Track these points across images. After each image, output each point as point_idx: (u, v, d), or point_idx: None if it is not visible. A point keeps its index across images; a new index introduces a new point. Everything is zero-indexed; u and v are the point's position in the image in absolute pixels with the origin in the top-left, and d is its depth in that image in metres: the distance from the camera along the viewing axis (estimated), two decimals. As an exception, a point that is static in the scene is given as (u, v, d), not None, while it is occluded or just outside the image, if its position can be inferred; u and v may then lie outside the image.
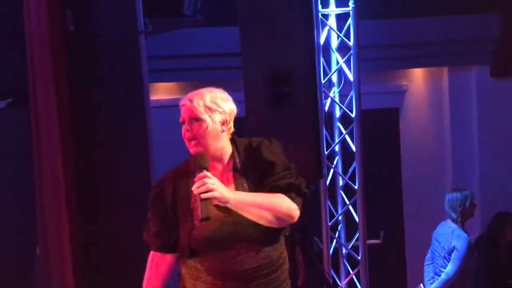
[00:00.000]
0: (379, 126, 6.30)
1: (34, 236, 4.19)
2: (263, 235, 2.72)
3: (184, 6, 4.83)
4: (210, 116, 2.70)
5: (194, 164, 2.64)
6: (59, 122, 4.12)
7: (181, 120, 2.74)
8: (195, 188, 2.55)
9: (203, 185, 2.54)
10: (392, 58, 6.35)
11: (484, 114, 6.49)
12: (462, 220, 5.10)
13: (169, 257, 2.87)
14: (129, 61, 4.40)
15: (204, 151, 2.69)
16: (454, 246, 5.05)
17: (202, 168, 2.60)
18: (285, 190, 2.75)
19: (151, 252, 2.91)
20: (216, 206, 2.62)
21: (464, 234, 5.06)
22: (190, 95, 2.76)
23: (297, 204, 2.76)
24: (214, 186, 2.55)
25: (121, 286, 4.26)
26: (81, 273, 4.16)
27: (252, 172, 2.76)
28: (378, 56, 6.15)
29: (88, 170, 4.29)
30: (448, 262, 5.08)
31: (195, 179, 2.56)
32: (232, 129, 2.82)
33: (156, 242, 2.86)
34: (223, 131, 2.75)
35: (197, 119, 2.69)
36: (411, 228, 6.67)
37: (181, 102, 2.76)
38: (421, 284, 5.21)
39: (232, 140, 2.83)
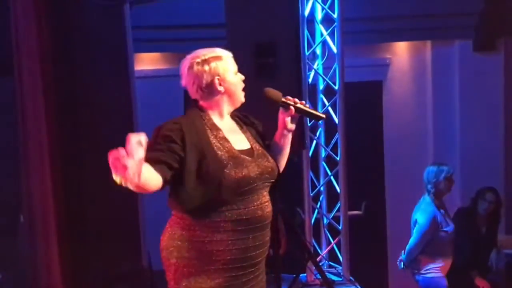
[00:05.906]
0: (362, 99, 6.33)
1: (19, 203, 4.21)
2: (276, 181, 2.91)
3: (169, -24, 4.83)
4: None
5: (273, 94, 2.90)
6: (44, 91, 4.12)
7: (237, 69, 2.89)
8: (298, 102, 2.90)
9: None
10: (376, 31, 6.36)
11: (466, 88, 6.54)
12: (436, 192, 5.07)
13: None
14: (114, 29, 4.39)
15: None
16: (416, 219, 5.09)
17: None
18: None
19: None
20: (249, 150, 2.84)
21: (430, 208, 5.01)
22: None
23: None
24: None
25: (105, 253, 4.30)
26: (65, 240, 4.20)
27: (251, 129, 2.99)
28: (362, 29, 6.16)
29: (72, 140, 4.31)
30: None
31: (288, 98, 2.90)
32: None
33: (157, 159, 2.63)
34: None
35: None
36: (392, 199, 6.75)
37: (227, 54, 2.88)
38: (403, 251, 5.27)
39: None
